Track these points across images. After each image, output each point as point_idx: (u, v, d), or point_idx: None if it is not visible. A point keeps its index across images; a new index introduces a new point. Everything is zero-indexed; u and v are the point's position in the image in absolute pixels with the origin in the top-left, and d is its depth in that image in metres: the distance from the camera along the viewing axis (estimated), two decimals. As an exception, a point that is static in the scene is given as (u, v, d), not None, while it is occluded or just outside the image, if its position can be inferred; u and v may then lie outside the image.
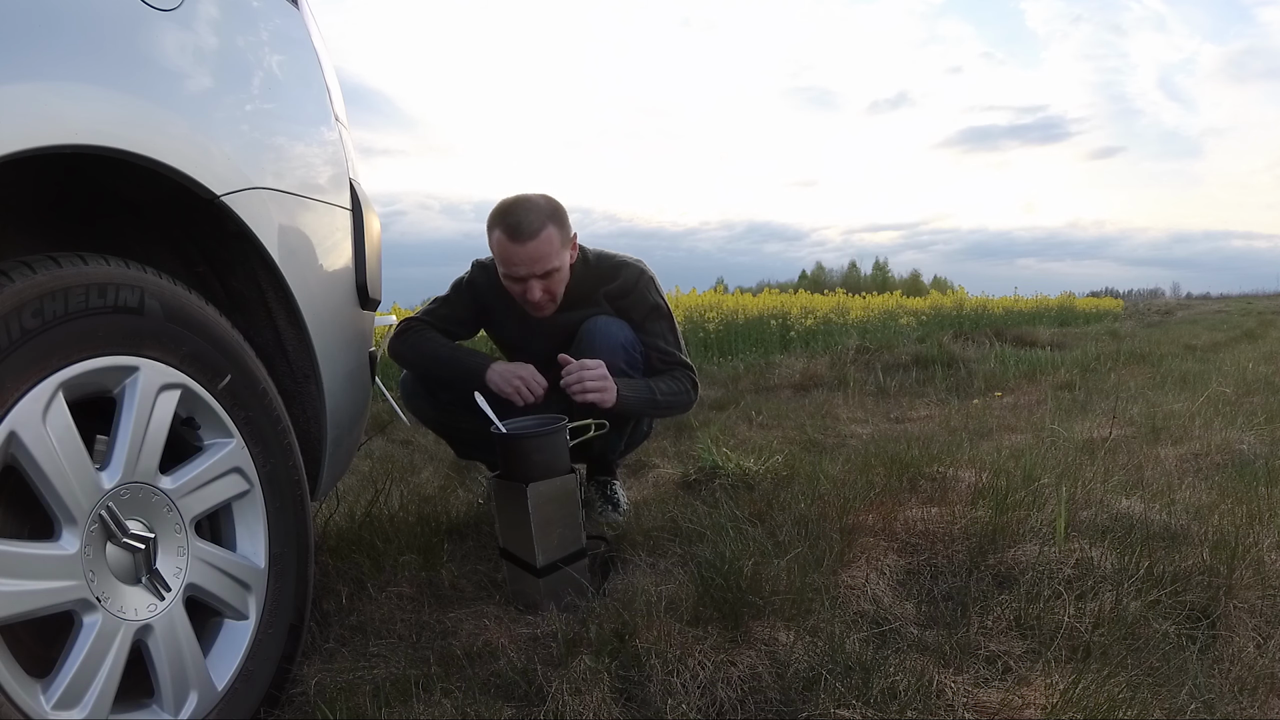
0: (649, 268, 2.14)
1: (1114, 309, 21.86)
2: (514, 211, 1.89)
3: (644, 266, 2.13)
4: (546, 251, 1.90)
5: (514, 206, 1.90)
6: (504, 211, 1.91)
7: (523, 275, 1.93)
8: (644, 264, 2.14)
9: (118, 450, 0.98)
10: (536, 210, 1.89)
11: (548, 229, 1.89)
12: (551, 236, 1.90)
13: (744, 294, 11.80)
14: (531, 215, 1.88)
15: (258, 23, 1.34)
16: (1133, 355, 6.29)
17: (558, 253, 1.92)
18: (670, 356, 2.08)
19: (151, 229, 1.26)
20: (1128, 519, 1.78)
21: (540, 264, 1.91)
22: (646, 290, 2.08)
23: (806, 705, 1.17)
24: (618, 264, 2.10)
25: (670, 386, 2.03)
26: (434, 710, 1.19)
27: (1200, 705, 1.14)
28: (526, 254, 1.89)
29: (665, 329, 2.09)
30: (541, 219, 1.88)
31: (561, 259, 1.94)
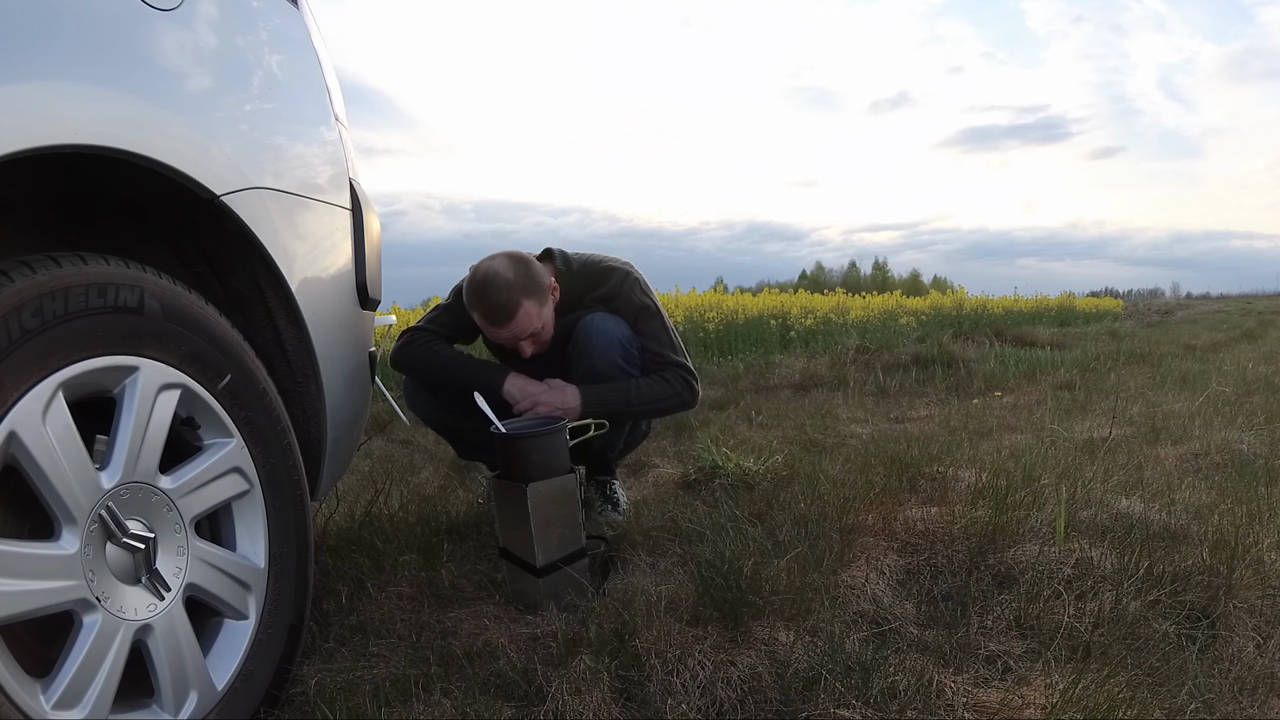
0: (635, 269, 2.12)
1: (1114, 309, 21.86)
2: (487, 294, 1.88)
3: (630, 268, 2.11)
4: (525, 325, 1.91)
5: (486, 288, 1.89)
6: (478, 293, 1.90)
7: (507, 341, 1.97)
8: (630, 266, 2.12)
9: (117, 450, 0.98)
10: (507, 289, 1.87)
11: (523, 306, 1.89)
12: (529, 310, 1.90)
13: (744, 294, 11.80)
14: (503, 297, 1.87)
15: (257, 22, 1.34)
16: (1133, 355, 6.29)
17: (537, 317, 1.93)
18: (661, 357, 2.05)
19: (151, 229, 1.26)
20: (1128, 519, 1.78)
21: (523, 334, 1.93)
22: (632, 292, 2.07)
23: (806, 705, 1.17)
24: (603, 270, 2.09)
25: (654, 389, 2.01)
26: (434, 710, 1.19)
27: (1200, 705, 1.14)
28: (509, 333, 1.92)
29: (656, 329, 2.07)
30: (515, 297, 1.87)
31: (544, 317, 1.95)
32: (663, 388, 2.02)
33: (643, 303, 2.07)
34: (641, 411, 2.04)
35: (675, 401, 2.04)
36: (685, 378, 2.05)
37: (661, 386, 2.02)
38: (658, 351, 2.05)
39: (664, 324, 2.08)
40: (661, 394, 2.02)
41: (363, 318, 1.59)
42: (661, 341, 2.07)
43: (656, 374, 2.03)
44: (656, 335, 2.06)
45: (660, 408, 2.04)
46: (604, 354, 1.97)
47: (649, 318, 2.07)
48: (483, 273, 1.91)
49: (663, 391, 2.02)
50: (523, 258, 1.95)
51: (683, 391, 2.04)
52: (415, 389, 2.18)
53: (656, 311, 2.09)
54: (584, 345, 1.99)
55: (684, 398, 2.05)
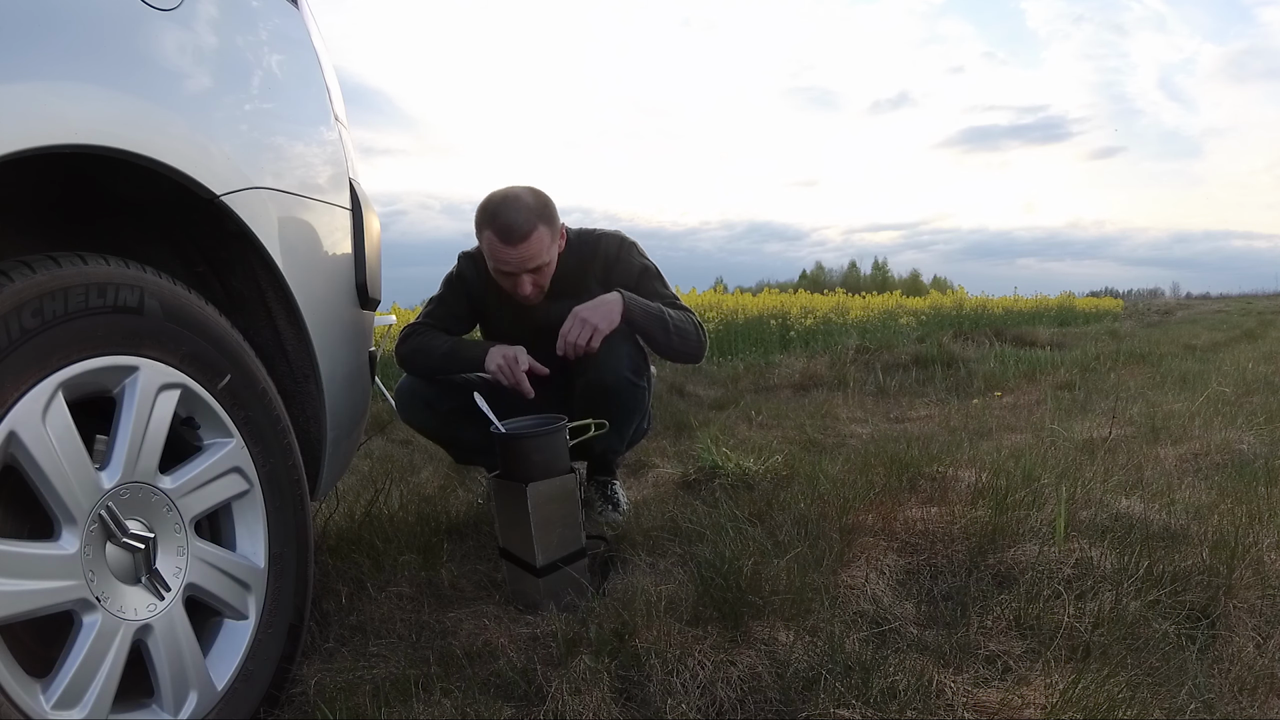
0: (628, 237, 2.15)
1: (1114, 309, 21.86)
2: (503, 212, 1.89)
3: (624, 236, 2.14)
4: (537, 250, 1.91)
5: (503, 207, 1.90)
6: (493, 213, 1.91)
7: (512, 271, 1.95)
8: (622, 233, 2.15)
9: (117, 450, 0.98)
10: (526, 210, 1.89)
11: (538, 229, 1.90)
12: (542, 236, 1.91)
13: (744, 294, 11.81)
14: (521, 216, 1.88)
15: (257, 22, 1.34)
16: (1132, 355, 6.29)
17: (547, 249, 1.94)
18: (675, 301, 2.07)
19: (151, 229, 1.26)
20: (1127, 519, 1.78)
21: (531, 262, 1.93)
22: (630, 255, 2.09)
23: (806, 705, 1.17)
24: (596, 238, 2.12)
25: (685, 322, 2.02)
26: (434, 710, 1.19)
27: (1200, 705, 1.14)
28: (518, 255, 1.91)
29: (661, 286, 2.09)
30: (531, 220, 1.89)
31: (551, 254, 1.97)
32: (690, 324, 2.02)
33: (643, 264, 2.10)
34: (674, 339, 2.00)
35: (696, 342, 2.03)
36: (700, 326, 2.06)
37: (687, 322, 2.02)
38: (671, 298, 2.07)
39: (665, 282, 2.11)
40: (689, 329, 2.02)
41: (363, 318, 1.59)
42: (666, 297, 2.08)
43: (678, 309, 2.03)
44: (660, 293, 2.08)
45: (686, 347, 2.02)
46: (612, 367, 1.94)
47: (651, 277, 2.09)
48: (502, 193, 1.93)
49: (690, 327, 2.02)
50: (545, 195, 1.97)
51: (700, 335, 2.05)
52: (410, 400, 2.14)
53: (658, 273, 2.11)
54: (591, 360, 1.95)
55: (701, 341, 2.05)
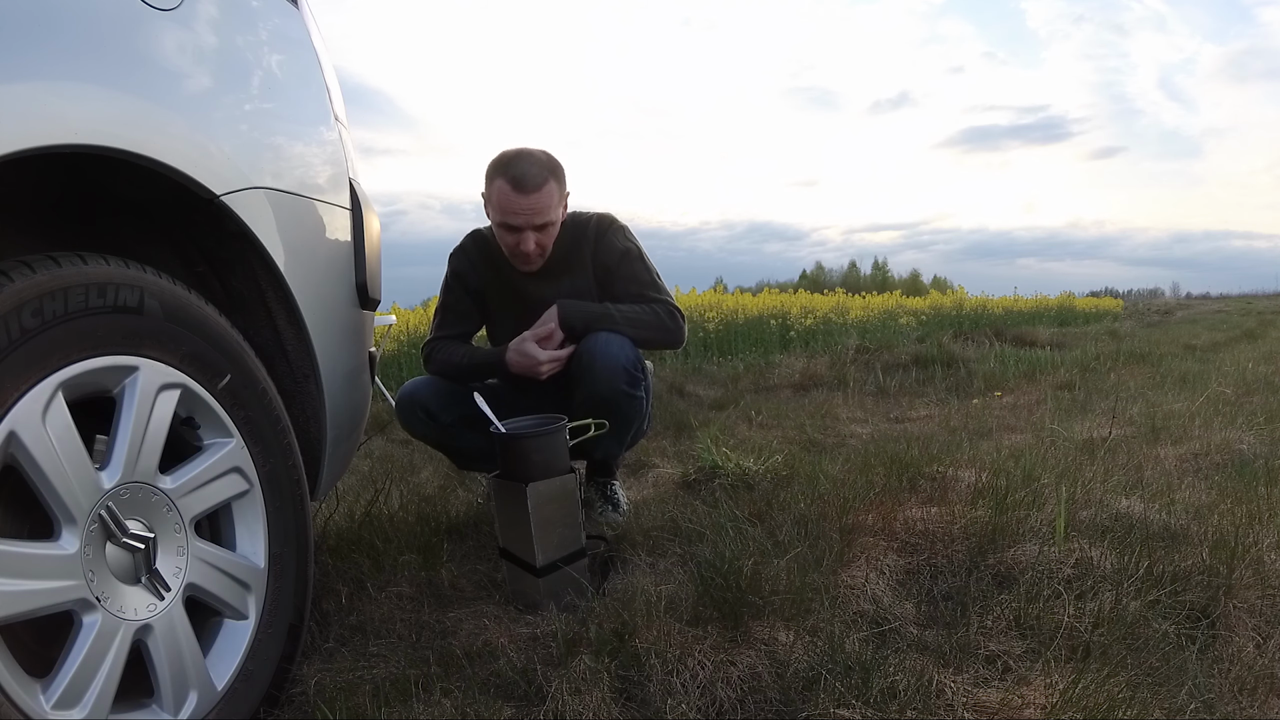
0: (617, 218, 2.16)
1: (1114, 309, 21.86)
2: (518, 163, 1.93)
3: (612, 217, 2.15)
4: (547, 204, 1.94)
5: (518, 158, 1.94)
6: (507, 162, 1.94)
7: (520, 225, 1.96)
8: (612, 216, 2.16)
9: (117, 450, 0.98)
10: (539, 164, 1.94)
11: (550, 183, 1.94)
12: (553, 191, 1.95)
13: (744, 294, 11.81)
14: (535, 168, 1.92)
15: (257, 22, 1.34)
16: (1132, 355, 6.29)
17: (555, 207, 1.97)
18: (645, 294, 2.06)
19: (151, 229, 1.26)
20: (1127, 519, 1.78)
21: (539, 215, 1.94)
22: (615, 237, 2.10)
23: (806, 705, 1.17)
24: (585, 218, 2.14)
25: (638, 312, 2.01)
26: (434, 710, 1.19)
27: (1200, 705, 1.14)
28: (528, 204, 1.93)
29: (640, 269, 2.09)
30: (544, 173, 1.93)
31: (557, 214, 1.99)
32: (648, 314, 2.02)
33: (625, 247, 2.10)
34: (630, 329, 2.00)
35: (660, 330, 2.03)
36: (671, 310, 2.05)
37: (646, 312, 2.02)
38: (638, 292, 2.07)
39: (646, 265, 2.10)
40: (647, 320, 2.02)
41: (363, 318, 1.59)
42: (643, 282, 2.08)
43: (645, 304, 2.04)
44: (638, 277, 2.08)
45: (647, 335, 2.02)
46: (607, 377, 1.93)
47: (631, 260, 2.09)
48: (516, 148, 1.99)
49: (649, 318, 2.02)
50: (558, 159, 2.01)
51: (667, 320, 2.04)
52: (410, 412, 2.14)
53: (639, 254, 2.11)
54: (588, 366, 1.94)
55: (668, 326, 2.04)
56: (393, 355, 7.03)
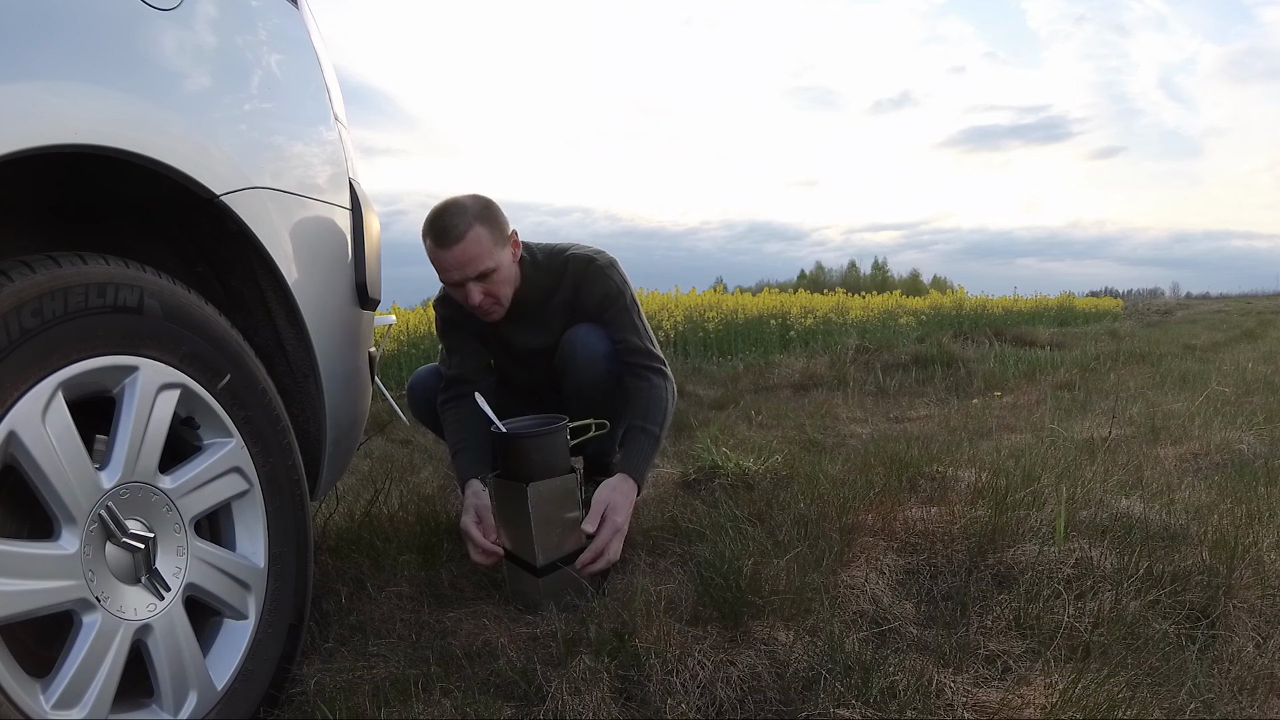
0: (603, 254, 1.98)
1: (1113, 309, 21.86)
2: (440, 217, 1.80)
3: (593, 255, 1.97)
4: (476, 253, 1.79)
5: (440, 212, 1.82)
6: (432, 220, 1.82)
7: (457, 280, 1.83)
8: (596, 253, 1.98)
9: (117, 450, 0.98)
10: (462, 212, 1.80)
11: (474, 229, 1.79)
12: (480, 237, 1.79)
13: (743, 294, 11.81)
14: (457, 218, 1.79)
15: (256, 22, 1.34)
16: (1132, 355, 6.29)
17: (489, 252, 1.81)
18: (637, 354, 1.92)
19: (151, 229, 1.26)
20: (1127, 519, 1.78)
21: (471, 266, 1.80)
22: (594, 281, 1.93)
23: (806, 705, 1.17)
24: (565, 259, 1.96)
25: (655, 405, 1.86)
26: (434, 710, 1.19)
27: (1200, 705, 1.14)
28: (454, 258, 1.79)
29: (624, 318, 1.93)
30: (467, 220, 1.79)
31: (497, 258, 1.83)
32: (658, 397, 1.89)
33: (605, 291, 1.93)
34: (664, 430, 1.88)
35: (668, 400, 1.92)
36: (663, 371, 1.93)
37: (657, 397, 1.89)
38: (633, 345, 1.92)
39: (631, 309, 1.95)
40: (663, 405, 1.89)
41: (362, 317, 1.59)
42: (624, 326, 1.93)
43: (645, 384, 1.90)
44: (625, 326, 1.93)
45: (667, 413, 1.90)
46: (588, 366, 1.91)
47: (611, 305, 1.93)
48: (442, 202, 1.84)
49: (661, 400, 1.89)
50: (488, 199, 1.86)
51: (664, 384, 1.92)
52: (420, 398, 2.16)
53: (619, 295, 1.94)
54: (569, 359, 1.93)
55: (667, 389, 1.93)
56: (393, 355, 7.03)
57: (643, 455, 1.80)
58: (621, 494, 1.71)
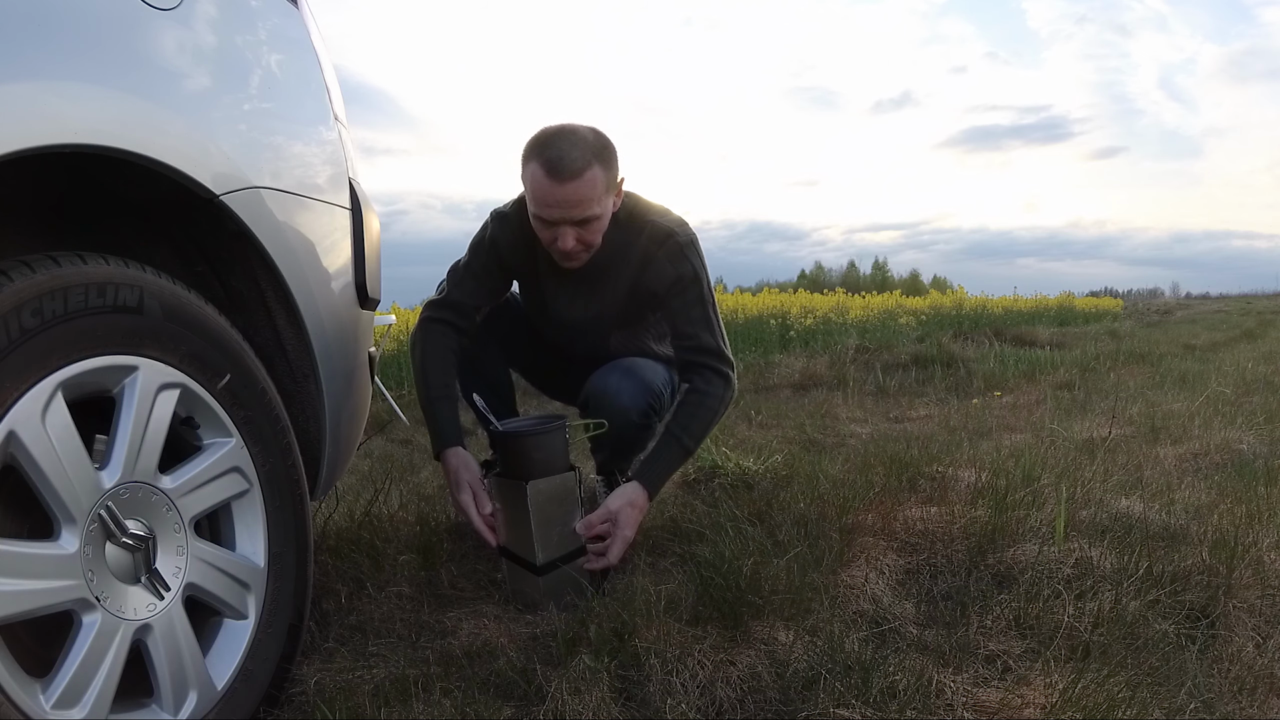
0: (685, 229, 1.78)
1: (1113, 309, 21.86)
2: (556, 144, 1.61)
3: (673, 228, 1.76)
4: (588, 195, 1.61)
5: (556, 138, 1.62)
6: (544, 143, 1.62)
7: (556, 219, 1.64)
8: (678, 227, 1.78)
9: (117, 450, 0.98)
10: (582, 145, 1.61)
11: (592, 169, 1.61)
12: (595, 178, 1.61)
13: (743, 293, 11.81)
14: (576, 151, 1.60)
15: (256, 22, 1.34)
16: (1132, 355, 6.29)
17: (600, 198, 1.64)
18: (706, 354, 1.74)
19: (151, 229, 1.26)
20: (1127, 519, 1.79)
21: (579, 209, 1.62)
22: (669, 261, 1.74)
23: (806, 705, 1.17)
24: (645, 222, 1.77)
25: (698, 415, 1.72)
26: (433, 710, 1.19)
27: (1199, 705, 1.14)
28: (564, 195, 1.61)
29: (693, 305, 1.74)
30: (587, 156, 1.60)
31: (604, 205, 1.66)
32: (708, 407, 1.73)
33: (678, 273, 1.74)
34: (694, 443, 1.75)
35: (719, 411, 1.77)
36: (722, 370, 1.75)
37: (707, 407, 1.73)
38: (693, 335, 1.74)
39: (703, 298, 1.75)
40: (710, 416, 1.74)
41: (362, 317, 1.59)
42: (693, 320, 1.74)
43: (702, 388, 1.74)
44: (689, 314, 1.75)
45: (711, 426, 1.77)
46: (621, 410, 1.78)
47: (683, 292, 1.75)
48: (558, 125, 1.66)
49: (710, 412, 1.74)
50: (608, 136, 1.68)
51: (724, 393, 1.76)
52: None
53: (693, 281, 1.75)
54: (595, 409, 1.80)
55: (725, 399, 1.76)
56: (392, 355, 7.03)
57: (665, 467, 1.71)
58: (633, 505, 1.65)
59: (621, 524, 1.63)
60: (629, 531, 1.63)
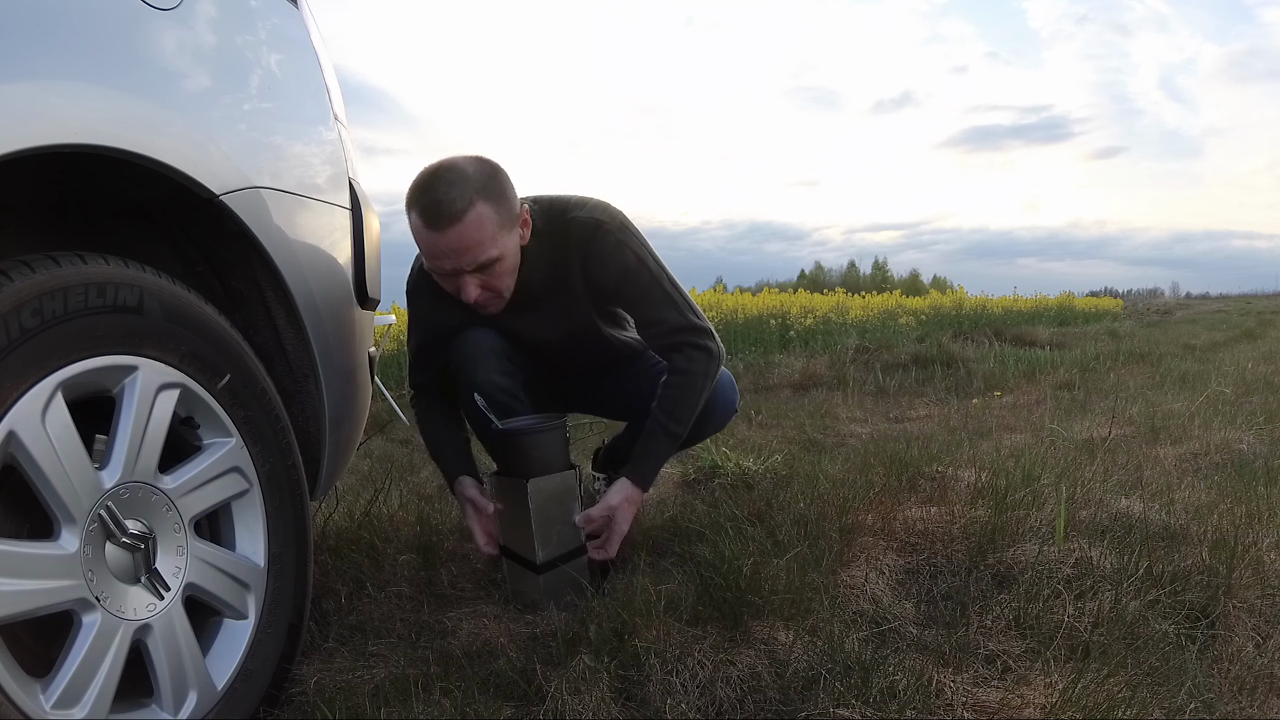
0: (610, 214, 1.61)
1: (1113, 309, 21.88)
2: (433, 188, 1.43)
3: (599, 218, 1.60)
4: (475, 238, 1.43)
5: (433, 180, 1.44)
6: (421, 188, 1.45)
7: (450, 270, 1.49)
8: (603, 214, 1.61)
9: (117, 449, 0.98)
10: (461, 184, 1.42)
11: (476, 208, 1.42)
12: (482, 218, 1.43)
13: (743, 293, 11.82)
14: (454, 191, 1.42)
15: (256, 22, 1.34)
16: (1132, 355, 6.29)
17: (493, 239, 1.45)
18: (677, 333, 1.61)
19: (151, 229, 1.26)
20: (1127, 519, 1.78)
21: (470, 254, 1.45)
22: (607, 255, 1.58)
23: (806, 705, 1.17)
24: (568, 220, 1.59)
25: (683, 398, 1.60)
26: (433, 710, 1.19)
27: (1199, 705, 1.14)
28: (449, 243, 1.44)
29: (649, 287, 1.60)
30: (468, 195, 1.41)
31: (502, 244, 1.47)
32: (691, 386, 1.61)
33: (622, 261, 1.59)
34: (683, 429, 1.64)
35: (704, 385, 1.62)
36: (703, 344, 1.62)
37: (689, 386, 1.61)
38: (654, 319, 1.61)
39: (658, 277, 1.61)
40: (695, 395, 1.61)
41: (362, 317, 1.59)
42: (655, 302, 1.61)
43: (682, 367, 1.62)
44: (648, 297, 1.61)
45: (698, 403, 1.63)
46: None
47: (633, 277, 1.60)
48: (436, 164, 1.47)
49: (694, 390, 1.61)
50: (496, 165, 1.50)
51: (707, 365, 1.62)
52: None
53: (641, 264, 1.60)
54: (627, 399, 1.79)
55: (708, 371, 1.62)
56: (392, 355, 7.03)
57: (654, 460, 1.65)
58: (629, 501, 1.62)
59: (618, 519, 1.62)
60: (625, 526, 1.63)
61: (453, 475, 1.73)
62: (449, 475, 1.74)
